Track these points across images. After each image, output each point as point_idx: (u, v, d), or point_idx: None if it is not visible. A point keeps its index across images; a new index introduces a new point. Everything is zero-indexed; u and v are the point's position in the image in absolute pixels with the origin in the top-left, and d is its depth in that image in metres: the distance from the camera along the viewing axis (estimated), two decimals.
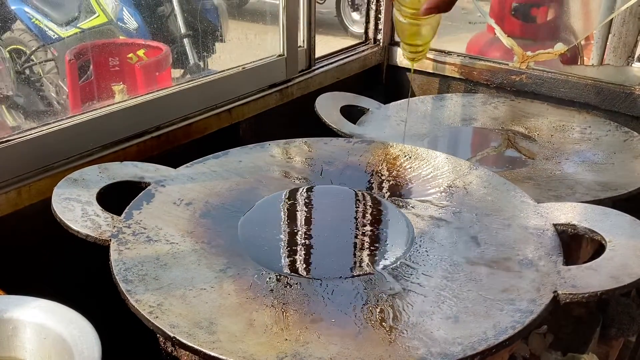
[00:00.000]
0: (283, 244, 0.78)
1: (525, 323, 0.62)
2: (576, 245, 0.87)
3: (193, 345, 0.59)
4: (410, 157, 0.99)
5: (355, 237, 0.80)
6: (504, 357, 0.68)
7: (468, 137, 1.32)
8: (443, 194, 0.89)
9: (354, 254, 0.77)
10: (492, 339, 0.59)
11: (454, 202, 0.86)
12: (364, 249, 0.78)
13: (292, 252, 0.77)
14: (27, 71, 2.52)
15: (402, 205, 0.86)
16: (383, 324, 0.63)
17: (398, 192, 0.90)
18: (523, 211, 0.83)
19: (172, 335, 0.60)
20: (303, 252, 0.77)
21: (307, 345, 0.59)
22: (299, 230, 0.81)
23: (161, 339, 0.72)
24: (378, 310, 0.65)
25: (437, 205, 0.86)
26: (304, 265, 0.74)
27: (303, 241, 0.79)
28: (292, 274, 0.71)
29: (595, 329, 1.00)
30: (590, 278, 0.68)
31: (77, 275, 0.90)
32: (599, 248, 0.77)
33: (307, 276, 0.71)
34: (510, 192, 0.88)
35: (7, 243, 0.87)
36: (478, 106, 1.40)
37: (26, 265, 0.89)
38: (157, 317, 0.62)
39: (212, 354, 0.57)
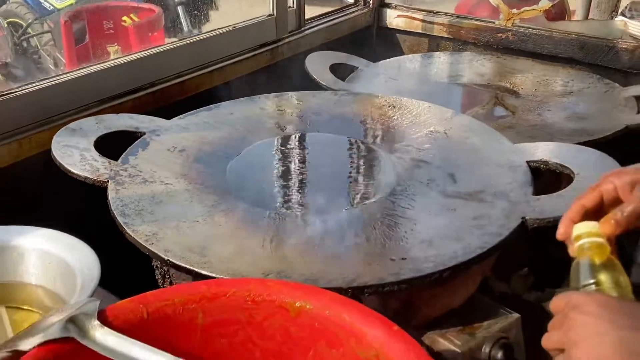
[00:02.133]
0: (271, 184, 0.83)
1: (493, 244, 0.67)
2: (553, 183, 0.92)
3: (185, 266, 0.64)
4: (394, 107, 1.03)
5: (339, 176, 0.85)
6: (476, 280, 0.73)
7: (454, 93, 1.35)
8: (424, 138, 0.93)
9: (337, 191, 0.82)
10: (461, 257, 0.64)
11: (434, 145, 0.91)
12: (347, 187, 0.83)
13: (279, 190, 0.81)
14: (25, 43, 2.55)
15: (386, 149, 0.90)
16: (362, 247, 0.67)
17: (382, 138, 0.95)
18: (499, 151, 0.87)
19: (166, 258, 0.65)
20: (289, 190, 0.82)
21: (290, 265, 0.64)
22: (286, 171, 0.86)
23: (157, 268, 0.77)
24: (359, 236, 0.69)
25: (418, 149, 0.90)
26: (290, 201, 0.79)
27: (289, 180, 0.84)
28: (279, 208, 0.76)
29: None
30: (557, 205, 0.72)
31: (78, 219, 0.95)
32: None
33: (291, 210, 0.76)
34: (488, 135, 0.93)
35: (10, 191, 0.92)
36: (465, 63, 1.44)
37: (28, 211, 0.93)
38: (152, 243, 0.67)
39: (203, 272, 0.62)
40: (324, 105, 1.05)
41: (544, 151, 0.85)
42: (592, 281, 0.53)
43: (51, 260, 0.64)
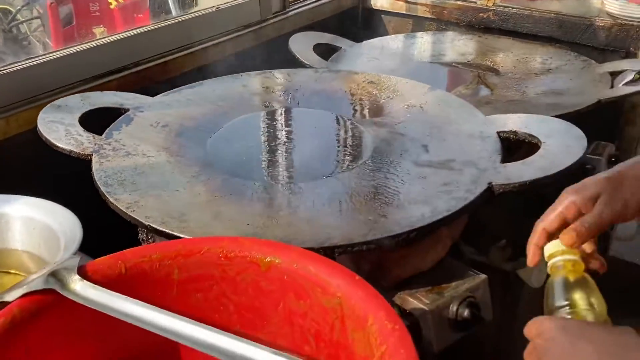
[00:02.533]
0: (251, 156, 0.86)
1: (459, 207, 0.70)
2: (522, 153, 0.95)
3: (165, 230, 0.66)
4: (373, 83, 1.06)
5: (318, 148, 0.88)
6: (445, 244, 0.76)
7: (437, 72, 1.38)
8: (401, 112, 0.96)
9: (315, 162, 0.85)
10: (429, 219, 0.68)
11: (410, 118, 0.94)
12: (325, 158, 0.85)
13: (258, 161, 0.84)
14: (14, 30, 2.55)
15: (364, 123, 0.93)
16: (334, 213, 0.70)
17: (361, 112, 0.98)
18: (471, 122, 0.90)
19: (146, 223, 0.68)
20: (268, 161, 0.85)
21: (265, 228, 0.67)
22: (266, 144, 0.89)
23: (143, 241, 0.80)
24: (333, 202, 0.72)
25: (394, 122, 0.93)
26: (268, 171, 0.82)
27: (269, 152, 0.87)
28: (257, 178, 0.79)
29: None
30: (523, 171, 0.75)
31: (64, 192, 0.97)
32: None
33: (269, 179, 0.79)
34: (462, 108, 0.96)
35: (13, 165, 0.94)
36: (447, 43, 1.46)
37: (16, 186, 0.96)
38: (133, 210, 0.70)
39: (183, 236, 0.65)
40: (305, 82, 1.08)
41: (514, 122, 0.88)
42: (565, 303, 0.53)
43: (35, 225, 0.67)
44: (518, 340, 1.16)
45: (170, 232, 0.66)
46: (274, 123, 0.96)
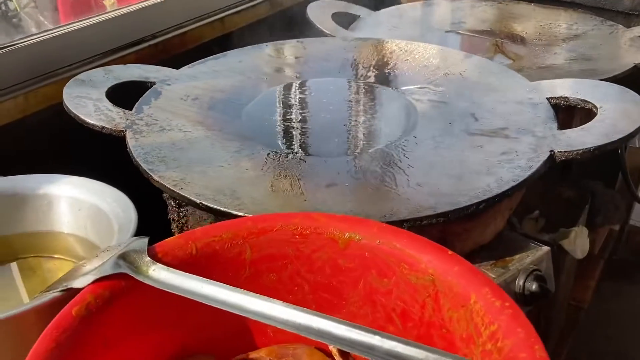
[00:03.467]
0: (291, 129, 0.82)
1: (525, 176, 0.67)
2: (569, 119, 0.92)
3: (220, 208, 0.63)
4: (406, 51, 1.02)
5: (360, 120, 0.84)
6: (504, 216, 0.73)
7: (458, 41, 1.34)
8: (440, 80, 0.92)
9: (360, 133, 0.81)
10: (496, 190, 0.64)
11: (451, 86, 0.90)
12: (369, 129, 0.82)
13: (301, 135, 0.80)
14: (3, 6, 2.45)
15: (403, 92, 0.89)
16: (395, 185, 0.67)
17: (398, 81, 0.94)
18: (517, 89, 0.87)
19: (198, 202, 0.64)
20: (312, 134, 0.81)
21: (324, 203, 0.64)
22: (305, 116, 0.85)
23: (174, 221, 0.76)
24: (389, 174, 0.69)
25: (435, 90, 0.89)
26: (314, 145, 0.78)
27: (310, 125, 0.82)
28: (305, 152, 0.75)
29: (584, 207, 1.07)
30: (584, 138, 0.72)
31: (90, 169, 0.93)
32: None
33: (318, 154, 0.75)
34: (504, 74, 0.92)
35: (20, 146, 0.89)
36: (467, 10, 1.42)
37: (39, 165, 0.91)
38: (182, 188, 0.66)
39: (239, 214, 0.62)
40: (333, 51, 1.03)
41: (563, 88, 0.85)
42: None
43: (81, 206, 0.63)
44: (560, 310, 1.14)
45: (226, 209, 0.62)
46: (311, 94, 0.92)
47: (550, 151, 0.71)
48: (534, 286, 0.66)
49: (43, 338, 0.40)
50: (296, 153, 0.75)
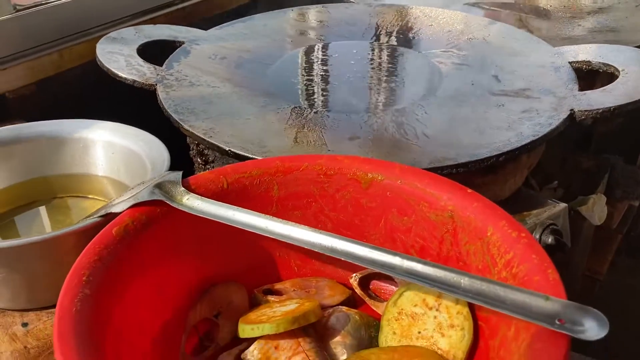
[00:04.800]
0: (315, 87, 0.84)
1: (545, 132, 0.68)
2: (590, 86, 0.92)
3: (248, 155, 0.65)
4: (430, 17, 1.03)
5: (383, 79, 0.86)
6: (523, 173, 0.75)
7: (480, 14, 1.34)
8: (463, 44, 0.93)
9: (384, 93, 0.83)
10: (516, 144, 0.66)
11: (474, 50, 0.91)
12: (392, 89, 0.83)
13: (325, 93, 0.82)
14: None
15: (427, 55, 0.91)
16: (417, 138, 0.69)
17: (422, 45, 0.95)
18: (540, 53, 0.88)
19: (227, 149, 0.67)
20: (336, 92, 0.83)
21: (347, 153, 0.66)
22: (328, 76, 0.87)
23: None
24: (412, 129, 0.71)
25: (458, 54, 0.90)
26: (338, 103, 0.80)
27: (335, 84, 0.84)
28: (330, 108, 0.77)
29: (603, 177, 1.07)
30: (604, 98, 0.73)
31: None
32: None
33: (341, 111, 0.77)
34: (527, 40, 0.93)
35: (55, 101, 0.93)
36: None
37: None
38: (211, 137, 0.69)
39: None
40: (357, 16, 1.05)
41: (586, 52, 0.86)
42: None
43: (114, 150, 0.66)
44: (576, 279, 1.15)
45: (253, 156, 0.65)
46: (335, 56, 0.93)
47: (571, 110, 0.72)
48: (550, 239, 0.68)
49: (87, 251, 0.43)
50: (320, 109, 0.77)
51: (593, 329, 0.35)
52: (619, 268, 1.37)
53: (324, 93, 0.83)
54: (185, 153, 0.77)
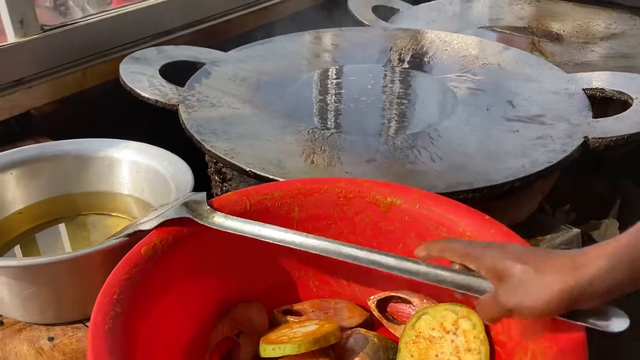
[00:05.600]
0: (332, 110, 0.86)
1: (559, 159, 0.69)
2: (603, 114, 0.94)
3: (268, 176, 0.67)
4: (445, 41, 1.05)
5: (402, 103, 0.87)
6: (537, 198, 0.76)
7: (496, 38, 1.36)
8: (478, 69, 0.95)
9: (400, 116, 0.84)
10: (530, 170, 0.67)
11: (489, 76, 0.93)
12: (408, 112, 0.85)
13: (341, 115, 0.84)
14: None
15: (442, 80, 0.92)
16: (432, 162, 0.70)
17: (437, 69, 0.97)
18: (554, 79, 0.89)
19: (247, 169, 0.68)
20: (352, 115, 0.84)
21: (365, 176, 0.67)
22: (345, 99, 0.88)
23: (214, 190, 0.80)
24: (427, 152, 0.72)
25: (473, 78, 0.92)
26: (355, 125, 0.82)
27: (350, 106, 0.86)
28: (344, 131, 0.79)
29: (616, 201, 1.08)
30: (618, 126, 0.75)
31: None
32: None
33: (358, 133, 0.78)
34: (541, 66, 0.95)
35: (76, 118, 0.95)
36: (505, 7, 1.44)
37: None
38: (232, 157, 0.71)
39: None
40: (374, 40, 1.07)
41: (600, 79, 0.87)
42: None
43: (139, 169, 0.67)
44: None
45: (273, 177, 0.67)
46: (350, 79, 0.95)
47: (585, 137, 0.73)
48: None
49: (117, 270, 0.45)
50: (337, 131, 0.78)
51: (616, 323, 0.40)
52: (632, 294, 1.37)
53: (340, 116, 0.84)
54: (202, 171, 0.79)
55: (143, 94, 0.84)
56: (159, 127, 0.81)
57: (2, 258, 0.52)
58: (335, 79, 0.95)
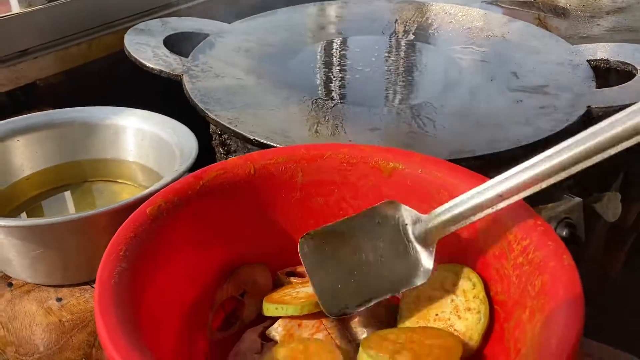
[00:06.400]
0: (336, 80, 0.86)
1: (562, 127, 0.69)
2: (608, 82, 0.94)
3: (272, 144, 0.67)
4: (450, 13, 1.05)
5: (406, 74, 0.87)
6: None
7: (498, 13, 1.34)
8: (483, 41, 0.95)
9: (404, 87, 0.85)
10: (533, 138, 0.67)
11: (493, 47, 0.93)
12: (412, 83, 0.85)
13: (345, 86, 0.84)
14: None
15: (447, 51, 0.92)
16: (435, 130, 0.71)
17: (442, 40, 0.97)
18: (559, 51, 0.89)
19: (252, 137, 0.69)
20: (356, 85, 0.85)
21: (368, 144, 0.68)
22: (348, 70, 0.89)
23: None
24: (430, 122, 0.73)
25: (477, 50, 0.92)
26: (358, 96, 0.82)
27: (355, 77, 0.86)
28: (348, 101, 0.79)
29: (619, 175, 1.08)
30: (621, 95, 0.75)
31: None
32: None
33: (361, 104, 0.79)
34: (546, 38, 0.94)
35: (82, 89, 0.96)
36: None
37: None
38: (236, 125, 0.71)
39: None
40: (378, 12, 1.07)
41: (603, 51, 0.87)
42: None
43: (144, 136, 0.68)
44: (590, 270, 1.15)
45: (277, 145, 0.67)
46: (354, 49, 0.95)
47: (587, 107, 0.73)
48: (564, 232, 0.69)
49: (123, 228, 0.45)
50: (341, 101, 0.79)
51: None
52: (632, 267, 1.37)
53: (344, 86, 0.85)
54: (206, 143, 0.79)
55: (147, 64, 0.85)
56: (164, 100, 0.82)
57: (10, 218, 0.53)
58: (340, 50, 0.95)
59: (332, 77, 0.87)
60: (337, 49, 0.95)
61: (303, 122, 0.74)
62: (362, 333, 0.49)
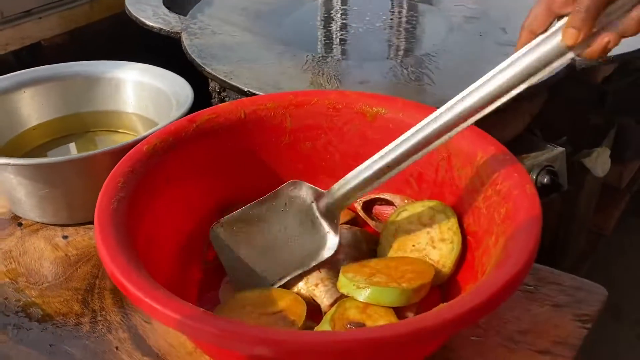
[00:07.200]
0: (330, 37, 0.88)
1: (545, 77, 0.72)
2: None
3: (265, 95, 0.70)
4: None
5: (399, 31, 0.90)
6: (525, 120, 0.79)
7: None
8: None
9: (396, 43, 0.87)
10: None
11: (483, 5, 0.95)
12: (407, 40, 0.88)
13: (339, 42, 0.87)
14: None
15: (438, 8, 0.94)
16: (425, 84, 0.73)
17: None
18: None
19: (246, 89, 0.72)
20: (350, 42, 0.87)
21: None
22: (343, 27, 0.91)
23: None
24: (419, 74, 0.75)
25: (469, 8, 0.94)
26: (350, 51, 0.84)
27: (349, 34, 0.89)
28: (340, 56, 0.82)
29: (609, 132, 1.11)
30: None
31: None
32: None
33: (353, 58, 0.81)
34: None
35: (85, 49, 0.99)
36: None
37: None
38: (231, 79, 0.74)
39: None
40: None
41: None
42: None
43: (144, 88, 0.71)
44: (580, 232, 1.19)
45: None
46: (350, 7, 0.97)
47: (572, 58, 0.75)
48: (545, 179, 0.73)
49: (121, 163, 0.49)
50: (333, 56, 0.81)
51: None
52: (625, 226, 1.41)
53: (338, 42, 0.87)
54: (206, 101, 0.83)
55: (147, 22, 0.88)
56: (165, 60, 0.85)
57: (20, 158, 0.57)
58: (336, 8, 0.97)
59: (326, 33, 0.89)
60: (334, 7, 0.98)
61: (296, 75, 0.77)
62: (344, 263, 0.52)
